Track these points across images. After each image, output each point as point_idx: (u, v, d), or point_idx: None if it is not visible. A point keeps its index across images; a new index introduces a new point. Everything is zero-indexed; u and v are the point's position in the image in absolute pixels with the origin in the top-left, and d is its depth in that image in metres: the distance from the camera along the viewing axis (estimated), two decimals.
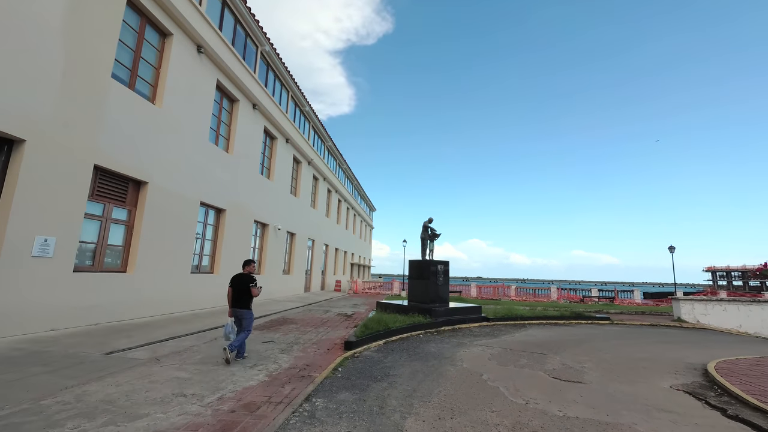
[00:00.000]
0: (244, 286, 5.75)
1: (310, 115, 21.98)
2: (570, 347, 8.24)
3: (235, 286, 5.78)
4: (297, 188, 20.95)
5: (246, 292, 5.75)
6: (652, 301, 25.37)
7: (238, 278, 5.84)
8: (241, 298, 5.75)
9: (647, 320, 14.48)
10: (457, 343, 8.15)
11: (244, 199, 14.27)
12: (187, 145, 10.77)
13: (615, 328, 12.01)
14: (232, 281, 5.84)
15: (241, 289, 5.75)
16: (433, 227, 12.69)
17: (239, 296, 5.75)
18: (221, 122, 13.05)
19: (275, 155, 17.44)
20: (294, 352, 6.37)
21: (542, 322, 12.50)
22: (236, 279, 5.84)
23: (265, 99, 15.43)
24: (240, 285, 5.76)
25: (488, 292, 26.61)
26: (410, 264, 12.43)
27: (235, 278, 5.85)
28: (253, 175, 15.07)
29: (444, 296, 11.89)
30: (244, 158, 14.24)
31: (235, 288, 5.77)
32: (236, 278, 5.85)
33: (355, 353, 6.54)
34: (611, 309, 18.17)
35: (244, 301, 5.75)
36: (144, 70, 9.46)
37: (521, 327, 11.31)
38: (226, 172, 12.98)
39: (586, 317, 13.55)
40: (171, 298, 10.20)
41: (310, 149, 21.94)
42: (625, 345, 8.90)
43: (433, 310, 10.66)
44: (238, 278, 5.84)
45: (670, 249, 22.42)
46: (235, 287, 5.77)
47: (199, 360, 5.55)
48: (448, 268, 12.20)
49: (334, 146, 27.64)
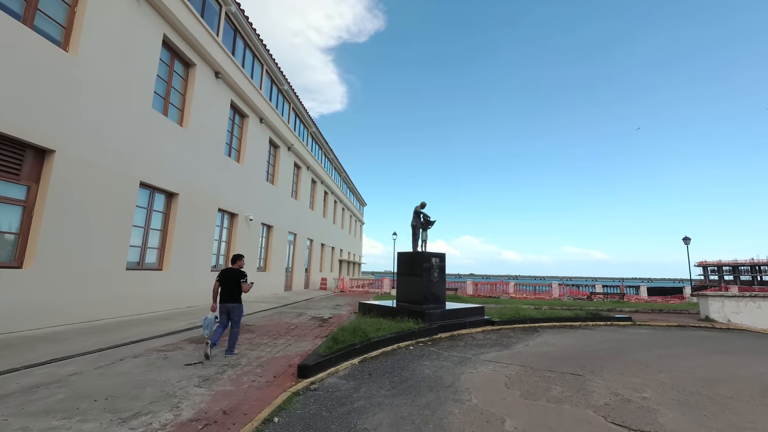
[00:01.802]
0: (235, 280, 5.73)
1: (290, 95, 19.77)
2: (607, 362, 6.27)
3: (225, 281, 5.72)
4: (275, 176, 18.74)
5: (236, 286, 5.72)
6: (661, 298, 23.68)
7: (227, 273, 5.79)
8: (232, 292, 5.70)
9: (671, 320, 12.63)
10: (459, 359, 6.11)
11: (205, 182, 12.08)
12: (118, 110, 8.56)
13: (642, 332, 10.10)
14: (220, 276, 5.77)
15: (231, 284, 5.71)
16: (427, 213, 10.64)
17: (230, 291, 5.70)
18: (172, 88, 10.82)
19: (246, 135, 15.22)
20: (220, 383, 4.27)
21: (555, 325, 10.55)
22: (225, 274, 5.78)
23: (231, 67, 13.21)
24: (230, 280, 5.73)
25: (485, 290, 24.68)
26: (399, 257, 10.38)
27: (224, 273, 5.79)
28: (217, 155, 12.87)
29: (440, 295, 9.87)
30: (204, 134, 12.04)
31: (224, 283, 5.72)
32: (225, 273, 5.79)
33: (312, 383, 4.45)
34: (624, 307, 16.33)
35: (235, 296, 5.72)
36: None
37: (533, 332, 9.34)
38: (180, 149, 10.78)
39: (604, 318, 11.64)
40: (93, 300, 8.01)
41: (290, 133, 19.74)
42: (673, 357, 6.96)
43: (427, 312, 8.62)
44: (227, 273, 5.79)
45: (685, 240, 20.73)
46: (224, 282, 5.72)
47: (51, 405, 3.43)
48: (444, 262, 10.19)
49: (319, 133, 25.44)
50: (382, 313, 9.40)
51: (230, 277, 5.73)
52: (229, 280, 5.70)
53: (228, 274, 5.75)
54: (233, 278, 5.71)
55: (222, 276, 5.74)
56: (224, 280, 5.71)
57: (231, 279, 5.71)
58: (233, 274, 5.76)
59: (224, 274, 5.76)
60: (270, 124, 17.09)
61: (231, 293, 5.67)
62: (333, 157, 30.16)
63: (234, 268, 5.89)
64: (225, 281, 5.70)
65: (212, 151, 12.58)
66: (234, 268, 5.87)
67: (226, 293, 5.68)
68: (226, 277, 5.72)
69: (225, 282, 5.70)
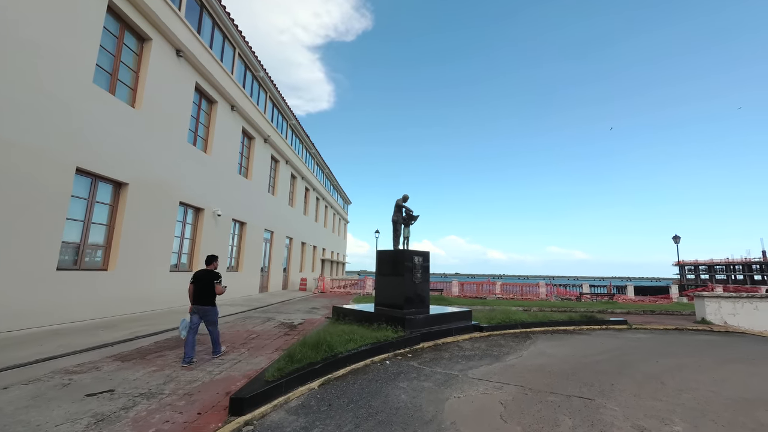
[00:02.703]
0: (208, 282, 5.63)
1: (267, 83, 18.48)
2: (615, 378, 5.35)
3: (198, 283, 5.62)
4: (249, 169, 17.44)
5: (210, 288, 5.62)
6: (648, 298, 23.30)
7: (201, 274, 5.70)
8: (206, 294, 5.59)
9: (666, 322, 11.93)
10: (443, 378, 5.08)
11: (163, 172, 10.77)
12: (48, 81, 7.24)
13: (642, 337, 9.30)
14: (194, 277, 5.67)
15: (204, 286, 5.61)
16: (410, 207, 9.60)
17: (203, 292, 5.59)
18: (121, 64, 9.49)
19: (214, 123, 13.91)
20: (116, 427, 3.13)
21: (548, 330, 9.67)
22: (199, 275, 5.68)
23: (196, 47, 11.91)
24: (204, 282, 5.63)
25: (472, 290, 23.84)
26: (379, 256, 9.31)
27: (199, 274, 5.69)
28: (178, 143, 11.56)
29: (423, 298, 8.85)
30: (163, 118, 10.72)
31: (197, 284, 5.62)
32: (199, 274, 5.69)
33: (248, 422, 3.34)
34: (615, 308, 15.66)
35: (208, 298, 5.61)
36: None
37: (525, 338, 8.42)
38: (130, 132, 9.47)
39: (598, 321, 10.82)
40: (14, 307, 6.68)
41: (266, 124, 18.44)
42: (686, 369, 6.10)
43: (408, 318, 7.58)
44: (201, 274, 5.70)
45: (675, 239, 20.32)
46: (198, 284, 5.62)
47: None
48: (428, 261, 9.17)
49: (300, 126, 24.17)
50: (358, 318, 8.32)
51: (204, 278, 5.64)
52: (203, 281, 5.62)
53: (202, 276, 5.66)
54: (207, 279, 5.64)
55: (196, 277, 5.66)
56: (198, 281, 5.62)
57: (204, 280, 5.63)
58: (207, 276, 5.67)
59: (198, 275, 5.67)
60: (243, 112, 15.79)
61: (204, 295, 5.58)
62: (315, 152, 28.89)
63: (208, 269, 5.82)
64: (198, 283, 5.61)
65: (172, 137, 11.27)
66: (208, 270, 5.80)
67: (199, 295, 5.57)
68: (200, 279, 5.63)
69: (198, 283, 5.60)
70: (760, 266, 78.96)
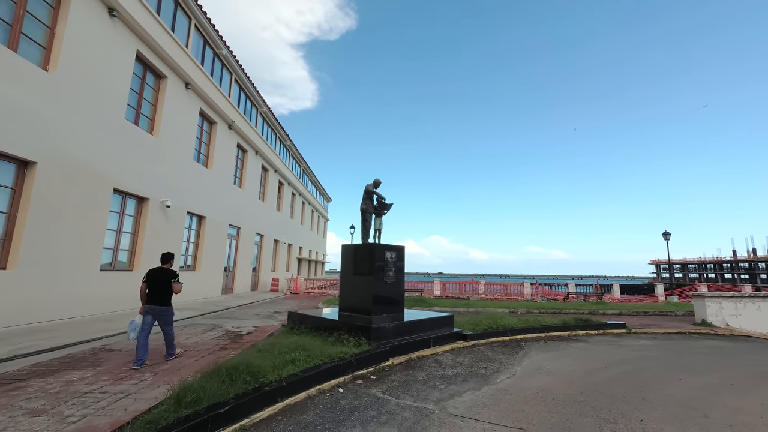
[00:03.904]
0: (165, 281, 5.28)
1: (231, 63, 16.72)
2: (638, 406, 4.03)
3: (153, 282, 5.24)
4: (209, 157, 15.65)
5: (166, 287, 5.26)
6: (634, 297, 22.59)
7: (156, 273, 5.31)
8: (161, 294, 5.23)
9: (665, 325, 10.88)
10: (414, 416, 3.65)
11: (89, 152, 8.98)
12: None
13: (646, 344, 8.13)
14: (147, 276, 5.26)
15: (160, 285, 5.24)
16: (382, 194, 8.13)
17: (159, 292, 5.22)
18: (26, 14, 7.71)
19: (163, 101, 12.13)
20: None
21: (541, 337, 8.41)
22: (154, 274, 5.30)
23: (133, 5, 10.14)
24: (159, 280, 5.26)
25: (455, 290, 22.62)
26: (344, 252, 7.82)
27: (153, 273, 5.31)
28: (112, 119, 9.77)
29: (396, 302, 7.42)
30: (87, 87, 8.94)
31: (152, 284, 5.23)
32: (154, 273, 5.31)
33: None
34: (607, 309, 14.64)
35: (164, 298, 5.27)
36: None
37: (517, 348, 7.09)
38: (39, 101, 7.69)
39: (594, 325, 9.63)
40: None
41: (230, 108, 16.68)
42: (719, 390, 4.86)
43: (375, 328, 6.12)
44: (156, 273, 5.31)
45: (665, 235, 19.58)
46: (153, 283, 5.24)
47: None
48: (403, 258, 7.75)
49: (272, 115, 22.43)
50: (317, 327, 6.81)
51: (159, 277, 5.30)
52: (158, 281, 5.27)
53: (156, 275, 5.31)
54: (163, 279, 5.30)
55: (150, 276, 5.28)
56: (152, 280, 5.25)
57: (160, 280, 5.28)
58: (163, 274, 5.33)
59: (152, 274, 5.31)
60: (201, 92, 14.03)
61: (159, 295, 5.24)
62: (290, 144, 27.12)
63: (164, 267, 5.47)
64: (153, 282, 5.25)
65: (104, 113, 9.49)
66: (163, 268, 5.45)
67: (153, 295, 5.22)
68: (155, 278, 5.28)
69: (153, 283, 5.25)
70: (730, 265, 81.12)
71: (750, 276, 71.01)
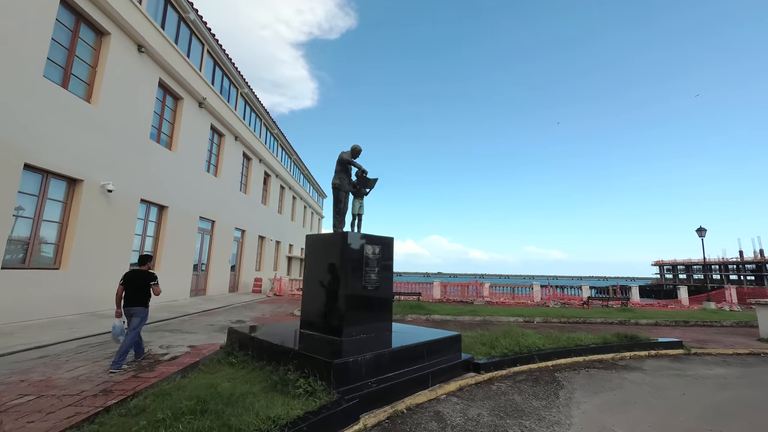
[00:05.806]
0: (143, 284, 5.15)
1: (201, 32, 14.50)
2: None
3: (130, 284, 5.11)
4: (173, 137, 13.43)
5: (144, 291, 5.16)
6: (657, 302, 20.35)
7: (134, 275, 5.19)
8: (138, 297, 5.12)
9: (727, 342, 8.66)
10: None
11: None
12: None
13: (724, 373, 5.93)
14: (125, 279, 5.13)
15: (138, 289, 5.13)
16: (362, 166, 5.89)
17: (137, 296, 5.11)
18: None
19: (104, 64, 9.91)
20: None
21: (578, 362, 6.22)
22: (131, 276, 5.17)
23: None
24: (137, 283, 5.14)
25: (456, 292, 20.35)
26: (308, 243, 5.62)
27: (130, 275, 5.17)
28: (29, 80, 7.60)
29: (379, 314, 5.23)
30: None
31: (129, 286, 5.10)
32: (131, 275, 5.18)
33: None
34: (638, 318, 12.35)
35: (141, 300, 5.14)
36: None
37: (554, 386, 4.89)
38: None
39: (643, 344, 7.40)
40: None
41: (201, 83, 14.48)
42: None
43: (340, 365, 3.88)
44: (134, 275, 5.19)
45: (699, 232, 17.32)
46: (130, 285, 5.11)
47: None
48: (390, 254, 5.56)
49: (256, 99, 20.22)
50: (260, 355, 4.60)
51: (137, 280, 5.14)
52: (136, 283, 5.12)
53: (134, 277, 5.15)
54: (141, 281, 5.15)
55: (127, 279, 5.11)
56: (129, 283, 5.09)
57: (138, 282, 5.14)
58: (140, 277, 5.18)
59: (130, 276, 5.14)
60: (160, 59, 11.85)
61: (136, 297, 5.08)
62: (278, 133, 24.89)
63: (141, 269, 5.32)
64: (130, 285, 5.09)
65: (12, 68, 7.31)
66: (141, 270, 5.30)
67: (130, 297, 5.06)
68: (132, 281, 5.11)
69: (130, 286, 5.09)
70: (737, 266, 78.68)
71: (757, 277, 68.89)
